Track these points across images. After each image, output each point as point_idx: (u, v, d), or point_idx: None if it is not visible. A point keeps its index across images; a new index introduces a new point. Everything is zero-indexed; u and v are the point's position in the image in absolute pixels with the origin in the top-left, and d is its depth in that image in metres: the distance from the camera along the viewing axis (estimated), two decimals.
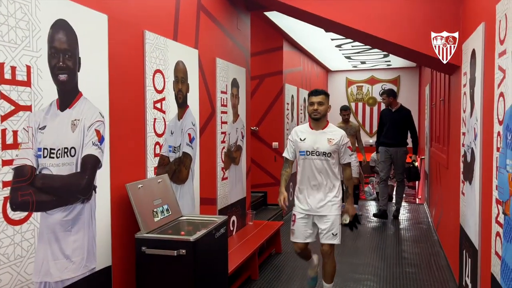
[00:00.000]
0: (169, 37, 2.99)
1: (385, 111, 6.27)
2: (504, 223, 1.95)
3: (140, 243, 2.36)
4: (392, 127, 6.04)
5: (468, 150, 2.96)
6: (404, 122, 6.03)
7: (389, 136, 6.08)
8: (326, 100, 3.07)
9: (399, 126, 6.02)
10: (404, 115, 6.06)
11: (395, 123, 6.02)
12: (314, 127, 3.10)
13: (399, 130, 6.04)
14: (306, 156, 3.04)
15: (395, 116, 6.05)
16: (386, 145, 6.10)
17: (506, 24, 1.96)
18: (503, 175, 1.98)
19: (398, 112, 6.07)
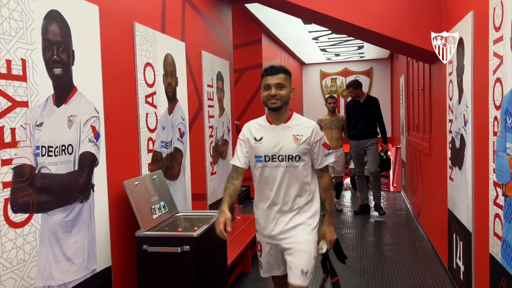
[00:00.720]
0: (157, 29, 2.90)
1: (352, 103, 5.79)
2: (505, 204, 2.02)
3: (141, 241, 2.30)
4: (362, 118, 5.65)
5: (456, 137, 3.04)
6: (373, 111, 5.67)
7: (361, 128, 5.66)
8: (287, 81, 2.09)
9: (370, 116, 5.65)
10: (372, 104, 5.71)
11: (366, 113, 5.64)
12: (273, 120, 2.12)
13: (369, 120, 5.66)
14: (265, 163, 2.09)
15: (365, 106, 5.68)
16: (358, 138, 5.70)
17: (502, 11, 2.01)
18: (502, 158, 2.04)
19: (367, 102, 5.71)
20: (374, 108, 5.70)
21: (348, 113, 5.84)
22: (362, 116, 5.68)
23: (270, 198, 2.10)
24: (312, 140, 2.09)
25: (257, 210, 2.20)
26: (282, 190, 2.09)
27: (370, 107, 5.68)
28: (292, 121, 2.12)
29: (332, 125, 5.75)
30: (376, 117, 5.71)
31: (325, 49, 8.62)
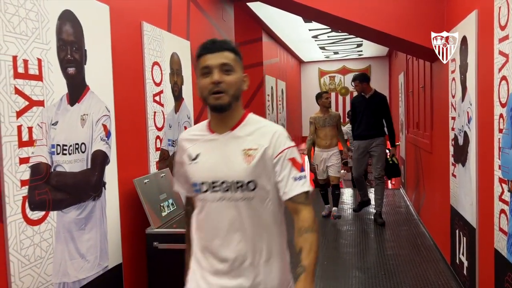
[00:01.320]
0: (164, 28, 2.92)
1: (358, 99, 5.30)
2: (511, 200, 2.06)
3: (151, 239, 2.32)
4: (368, 115, 5.13)
5: (459, 134, 3.08)
6: (381, 109, 5.14)
7: (365, 126, 5.16)
8: (236, 63, 1.35)
9: (376, 114, 5.12)
10: (380, 101, 5.19)
11: (371, 110, 5.12)
12: (216, 127, 1.37)
13: (376, 118, 5.13)
14: (203, 195, 1.35)
15: (371, 103, 5.17)
16: (362, 138, 5.19)
17: (508, 10, 2.04)
18: (508, 155, 2.08)
19: (373, 98, 5.19)
20: (381, 105, 5.16)
21: (353, 110, 5.44)
22: (368, 113, 5.15)
23: (214, 250, 1.34)
24: (273, 153, 1.32)
25: (195, 263, 1.42)
26: (230, 238, 1.32)
27: (376, 104, 5.15)
28: (243, 128, 1.36)
29: (326, 122, 5.33)
30: (385, 117, 5.16)
31: (324, 47, 8.66)
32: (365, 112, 5.18)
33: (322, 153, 5.38)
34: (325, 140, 5.34)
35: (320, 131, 5.36)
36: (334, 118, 5.35)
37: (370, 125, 5.15)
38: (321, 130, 5.34)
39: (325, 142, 5.34)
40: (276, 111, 7.35)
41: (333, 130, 5.33)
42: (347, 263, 3.99)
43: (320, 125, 5.32)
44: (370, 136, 5.16)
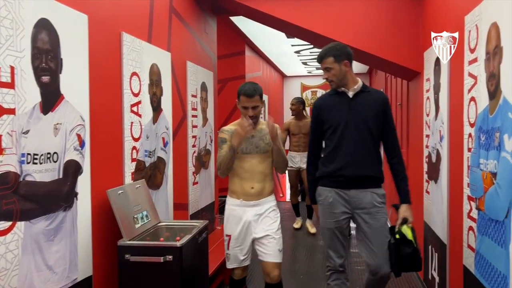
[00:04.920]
0: (144, 39, 2.93)
1: (330, 100, 2.56)
2: (478, 217, 2.11)
3: (123, 251, 2.29)
4: (351, 133, 2.50)
5: (433, 151, 3.16)
6: (380, 118, 2.53)
7: (346, 157, 2.45)
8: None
9: (369, 129, 2.49)
10: (378, 103, 2.61)
11: (359, 122, 2.54)
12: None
13: (369, 140, 2.49)
14: None
15: (358, 105, 2.68)
16: (337, 184, 2.48)
17: (477, 34, 2.13)
18: (476, 173, 2.14)
19: (364, 98, 2.66)
20: (380, 111, 2.59)
21: (315, 122, 2.82)
22: (348, 127, 2.53)
23: None
24: None
25: None
26: None
27: (371, 108, 2.63)
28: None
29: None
30: (385, 135, 2.56)
31: (307, 63, 8.78)
32: (346, 125, 2.45)
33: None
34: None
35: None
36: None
37: (359, 154, 2.43)
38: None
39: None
40: None
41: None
42: (322, 277, 3.99)
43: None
44: (357, 181, 2.43)
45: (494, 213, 1.90)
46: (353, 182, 2.42)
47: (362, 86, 2.50)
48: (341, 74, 2.43)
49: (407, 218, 2.44)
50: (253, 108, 2.52)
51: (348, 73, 2.46)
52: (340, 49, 2.45)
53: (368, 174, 2.42)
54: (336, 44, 2.50)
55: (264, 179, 2.59)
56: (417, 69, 3.73)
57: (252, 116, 2.51)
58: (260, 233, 2.56)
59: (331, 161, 2.46)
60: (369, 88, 2.57)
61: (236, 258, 2.61)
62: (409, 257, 2.38)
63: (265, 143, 2.58)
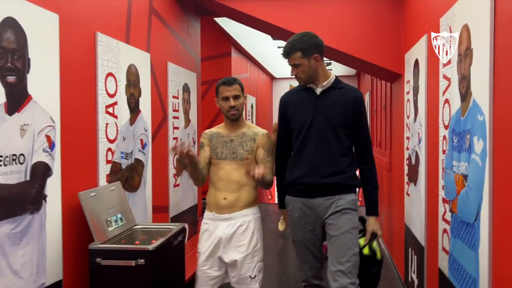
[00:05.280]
0: (121, 39, 2.89)
1: (297, 95, 2.33)
2: (451, 220, 2.11)
3: (94, 254, 2.24)
4: (320, 135, 2.24)
5: (412, 153, 3.16)
6: (351, 117, 2.31)
7: (313, 161, 2.21)
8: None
9: (339, 130, 2.22)
10: (349, 100, 2.39)
11: (329, 121, 2.26)
12: None
13: (340, 142, 2.23)
14: None
15: (328, 102, 2.39)
16: (304, 192, 2.23)
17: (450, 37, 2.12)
18: (449, 175, 2.14)
19: (335, 94, 2.33)
20: (352, 109, 2.30)
21: (282, 121, 2.65)
22: (316, 128, 2.34)
23: None
24: None
25: None
26: None
27: (342, 106, 2.37)
28: None
29: None
30: (358, 137, 2.30)
31: None
32: (309, 126, 2.20)
33: None
34: None
35: None
36: None
37: (321, 160, 2.18)
38: None
39: None
40: None
41: None
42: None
43: None
44: (320, 189, 2.19)
45: (465, 215, 1.89)
46: (316, 191, 2.16)
47: (333, 82, 2.20)
48: (310, 70, 2.13)
49: (376, 233, 2.20)
50: (235, 98, 2.27)
51: (319, 68, 2.15)
52: (308, 41, 2.11)
53: (331, 182, 2.13)
54: (303, 35, 2.14)
55: (240, 189, 2.27)
56: (399, 71, 3.73)
57: (233, 107, 2.27)
58: (229, 256, 2.24)
59: (294, 167, 2.22)
60: (343, 84, 2.23)
61: (204, 280, 2.30)
62: (374, 277, 2.21)
63: (245, 150, 2.30)
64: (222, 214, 2.27)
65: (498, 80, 1.56)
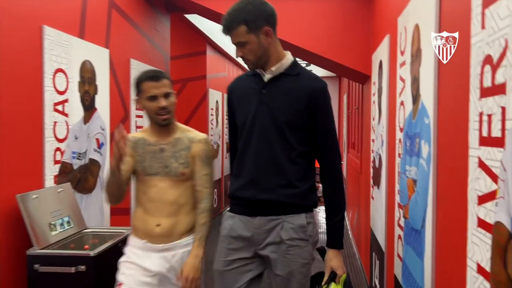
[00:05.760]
0: (74, 34, 2.76)
1: (244, 83, 1.83)
2: (404, 226, 2.04)
3: (32, 261, 2.12)
4: (266, 136, 1.73)
5: (376, 156, 3.10)
6: (306, 115, 1.73)
7: (255, 169, 1.70)
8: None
9: (289, 131, 1.70)
10: (306, 93, 1.81)
11: (277, 119, 1.72)
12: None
13: (291, 146, 1.71)
14: None
15: (279, 93, 1.78)
16: (243, 208, 1.72)
17: (405, 37, 2.06)
18: (403, 180, 2.07)
19: (289, 83, 1.77)
20: (308, 104, 1.88)
21: (230, 117, 2.20)
22: (262, 127, 1.82)
23: None
24: None
25: None
26: None
27: (294, 101, 1.87)
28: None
29: None
30: (317, 142, 1.77)
31: None
32: (251, 125, 1.72)
33: None
34: None
35: None
36: None
37: (263, 170, 1.69)
38: None
39: None
40: (222, 125, 7.26)
41: None
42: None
43: None
44: (261, 206, 1.69)
45: (414, 222, 1.83)
46: (257, 208, 1.65)
47: (289, 66, 1.67)
48: (260, 49, 1.60)
49: (335, 272, 1.63)
50: (165, 97, 1.77)
51: (272, 46, 1.63)
52: (254, 10, 1.59)
53: (273, 199, 1.62)
54: (246, 3, 1.61)
55: (178, 212, 1.82)
56: (368, 72, 3.68)
57: (164, 108, 1.76)
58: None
59: (235, 176, 1.75)
60: (301, 69, 1.70)
61: None
62: None
63: (179, 163, 1.81)
64: (156, 243, 1.81)
65: (442, 82, 1.49)
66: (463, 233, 1.20)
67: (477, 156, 1.11)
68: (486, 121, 1.06)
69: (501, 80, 0.98)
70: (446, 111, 1.46)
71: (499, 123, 0.99)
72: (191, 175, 1.85)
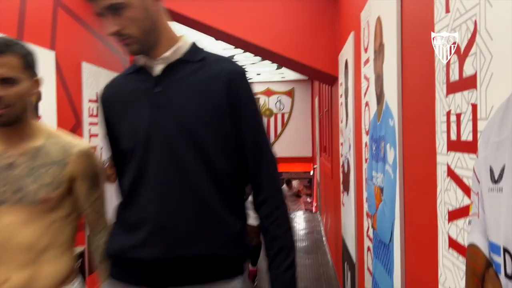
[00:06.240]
0: (12, 35, 2.49)
1: (123, 84, 1.22)
2: (373, 237, 1.87)
3: None
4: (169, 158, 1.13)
5: (345, 161, 2.94)
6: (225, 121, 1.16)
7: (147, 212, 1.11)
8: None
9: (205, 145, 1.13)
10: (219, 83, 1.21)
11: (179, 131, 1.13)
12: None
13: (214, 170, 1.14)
14: None
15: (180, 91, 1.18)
16: (131, 277, 1.13)
17: (368, 32, 1.90)
18: (370, 187, 1.91)
19: (192, 74, 1.18)
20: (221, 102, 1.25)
21: (109, 134, 1.43)
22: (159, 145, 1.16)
23: None
24: None
25: None
26: None
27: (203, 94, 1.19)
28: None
29: None
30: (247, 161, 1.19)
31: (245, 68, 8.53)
32: (146, 143, 1.11)
33: None
34: None
35: None
36: None
37: (173, 210, 1.09)
38: None
39: None
40: None
41: None
42: None
43: None
44: (175, 270, 1.09)
45: (382, 234, 1.66)
46: (168, 274, 1.08)
47: (188, 50, 1.15)
48: (148, 19, 1.07)
49: None
50: (3, 83, 1.11)
51: (161, 19, 1.12)
52: None
53: (198, 254, 1.07)
54: None
55: (36, 260, 1.19)
56: (335, 73, 3.53)
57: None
58: None
59: (122, 226, 1.15)
60: (206, 54, 1.18)
61: None
62: None
63: (41, 184, 1.19)
64: None
65: (406, 78, 1.33)
66: (434, 253, 1.03)
67: (446, 164, 0.94)
68: (455, 122, 0.89)
69: (470, 71, 0.81)
70: (411, 111, 1.29)
71: (470, 123, 0.82)
72: (61, 202, 1.22)
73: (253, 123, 1.15)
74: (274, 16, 3.62)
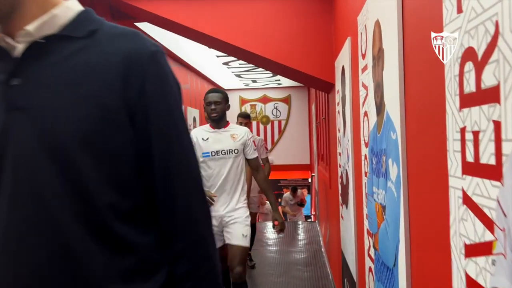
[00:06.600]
0: None
1: None
2: (375, 258, 1.73)
3: None
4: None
5: (343, 172, 2.81)
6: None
7: None
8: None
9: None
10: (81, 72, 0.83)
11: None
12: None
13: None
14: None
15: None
16: None
17: (366, 37, 1.77)
18: (371, 203, 1.77)
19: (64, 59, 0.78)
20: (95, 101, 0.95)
21: None
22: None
23: None
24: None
25: None
26: None
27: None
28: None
29: None
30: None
31: (240, 75, 8.42)
32: (7, 153, 0.71)
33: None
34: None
35: None
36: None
37: (60, 260, 0.70)
38: None
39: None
40: None
41: None
42: None
43: None
44: None
45: (385, 256, 1.52)
46: None
47: (71, 20, 0.78)
48: None
49: None
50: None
51: None
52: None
53: None
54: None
55: None
56: (331, 80, 3.41)
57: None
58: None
59: None
60: (97, 26, 0.80)
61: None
62: None
63: None
64: None
65: (409, 89, 1.19)
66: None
67: (461, 188, 0.80)
68: (471, 141, 0.75)
69: (490, 82, 0.68)
70: (416, 125, 1.16)
71: (491, 144, 0.68)
72: None
73: (165, 133, 0.77)
74: (267, 22, 3.50)
